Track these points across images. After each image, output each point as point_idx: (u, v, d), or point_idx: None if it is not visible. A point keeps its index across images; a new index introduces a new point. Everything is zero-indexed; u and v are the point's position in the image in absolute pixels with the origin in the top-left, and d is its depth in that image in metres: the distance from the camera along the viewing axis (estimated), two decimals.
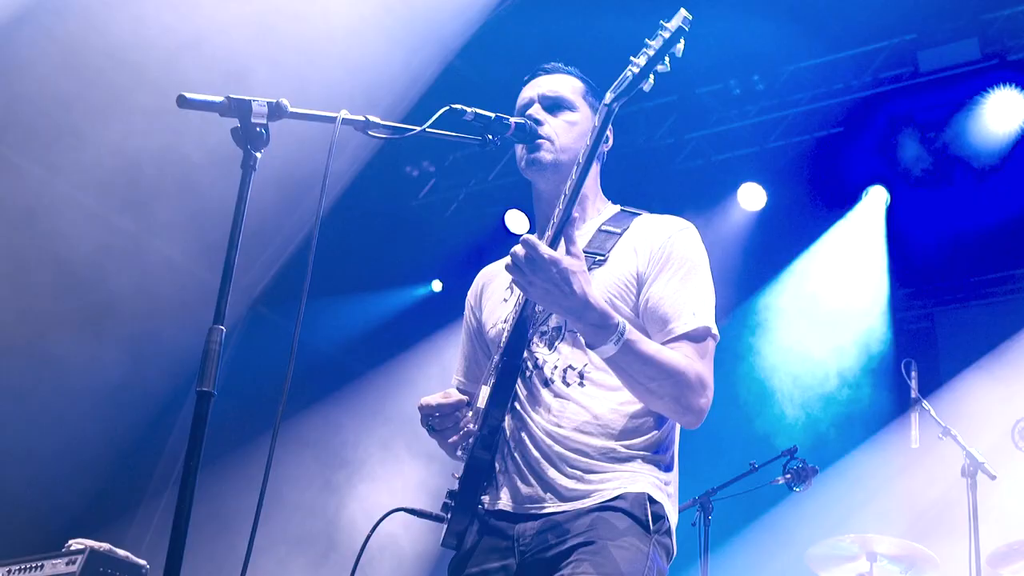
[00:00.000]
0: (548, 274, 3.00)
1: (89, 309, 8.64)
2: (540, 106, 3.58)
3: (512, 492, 3.33)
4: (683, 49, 3.11)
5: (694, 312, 3.30)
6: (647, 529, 3.21)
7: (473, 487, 3.38)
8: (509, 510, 3.33)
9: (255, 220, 2.90)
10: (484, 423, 3.35)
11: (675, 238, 3.43)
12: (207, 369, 2.73)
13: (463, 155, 10.51)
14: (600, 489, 3.25)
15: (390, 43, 7.88)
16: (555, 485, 3.27)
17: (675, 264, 3.38)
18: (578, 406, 3.33)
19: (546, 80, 3.65)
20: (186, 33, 7.38)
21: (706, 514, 6.35)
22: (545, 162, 3.51)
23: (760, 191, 9.60)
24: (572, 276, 3.01)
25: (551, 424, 3.33)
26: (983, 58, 8.38)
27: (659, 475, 3.34)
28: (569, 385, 3.35)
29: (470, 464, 3.38)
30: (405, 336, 10.67)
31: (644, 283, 3.37)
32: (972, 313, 9.72)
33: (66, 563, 5.53)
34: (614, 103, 3.14)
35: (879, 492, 8.92)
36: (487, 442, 3.36)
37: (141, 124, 7.74)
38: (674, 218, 3.54)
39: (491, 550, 3.32)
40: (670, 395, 3.20)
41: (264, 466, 2.88)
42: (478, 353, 3.83)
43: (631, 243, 3.43)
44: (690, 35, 3.05)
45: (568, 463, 3.28)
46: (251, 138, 2.95)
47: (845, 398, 9.47)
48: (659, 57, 3.08)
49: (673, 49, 3.08)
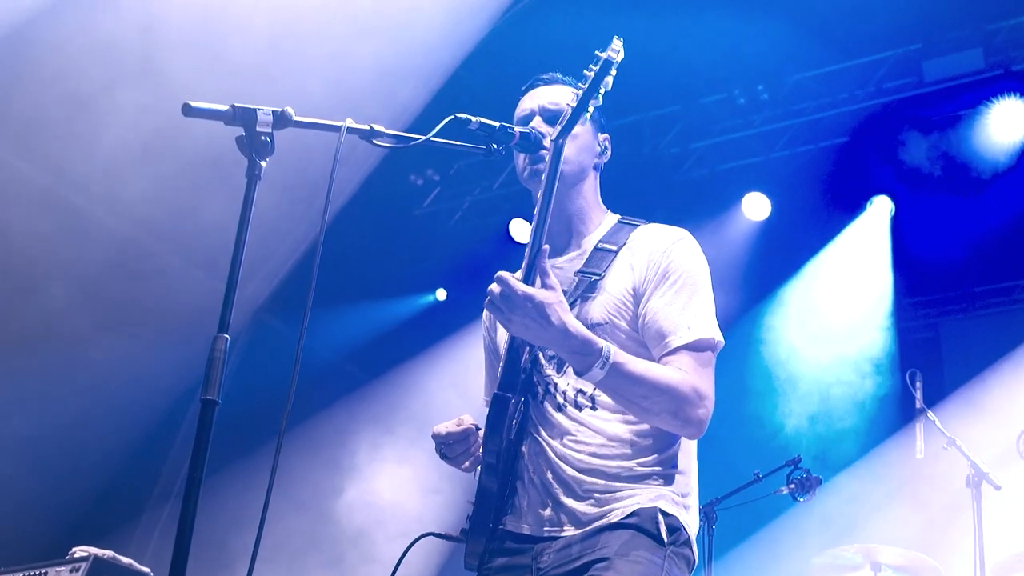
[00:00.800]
0: (525, 310, 3.03)
1: (94, 318, 8.66)
2: (541, 119, 3.57)
3: (532, 516, 3.37)
4: (612, 82, 3.19)
5: (689, 325, 3.30)
6: (660, 542, 3.23)
7: (484, 511, 3.42)
8: (529, 533, 3.37)
9: (259, 228, 2.90)
10: (485, 451, 3.38)
11: (671, 250, 3.43)
12: (212, 377, 2.73)
13: (467, 164, 10.51)
14: (615, 508, 3.28)
15: (394, 52, 7.89)
16: (573, 510, 3.31)
17: (672, 277, 3.37)
18: (591, 430, 3.35)
19: (546, 92, 3.65)
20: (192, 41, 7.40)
21: (710, 523, 6.35)
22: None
23: (765, 201, 9.60)
24: (548, 309, 3.03)
25: (566, 449, 3.36)
26: (987, 68, 8.37)
27: (674, 489, 3.35)
28: (581, 409, 3.37)
29: (480, 490, 3.43)
30: (409, 345, 10.67)
31: (641, 297, 3.38)
32: (977, 323, 9.72)
33: (70, 570, 5.53)
34: (559, 138, 3.23)
35: (884, 502, 8.91)
36: (491, 469, 3.39)
37: (147, 131, 7.76)
38: (671, 229, 3.53)
39: (511, 569, 3.37)
40: (666, 411, 3.20)
41: (268, 474, 2.88)
42: (497, 373, 3.84)
43: (628, 259, 3.43)
44: (696, 45, 3.06)
45: (583, 487, 3.31)
46: (256, 147, 2.95)
47: (849, 408, 9.47)
48: (592, 92, 3.18)
49: (603, 82, 3.18)
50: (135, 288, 8.91)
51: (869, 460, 9.23)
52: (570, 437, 3.36)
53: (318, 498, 10.25)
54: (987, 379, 8.89)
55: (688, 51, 7.95)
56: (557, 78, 3.70)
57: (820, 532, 8.43)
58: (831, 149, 9.37)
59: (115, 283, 8.72)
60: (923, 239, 9.34)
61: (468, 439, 3.51)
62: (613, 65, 3.15)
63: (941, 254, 9.35)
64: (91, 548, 5.61)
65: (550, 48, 8.03)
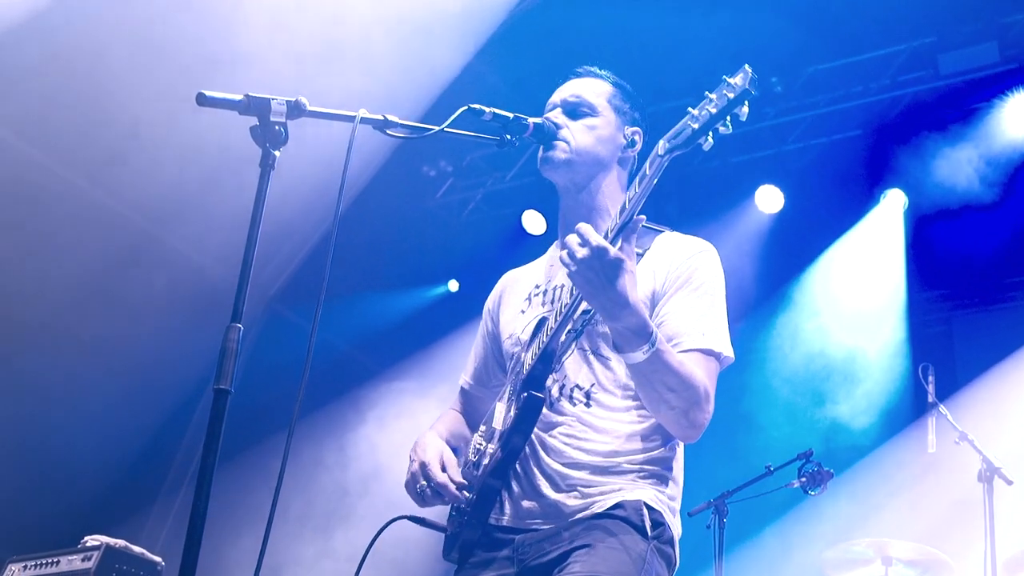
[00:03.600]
0: (591, 262, 2.96)
1: (108, 307, 8.68)
2: (561, 110, 3.58)
3: (515, 508, 3.37)
4: (748, 113, 2.90)
5: (704, 332, 3.30)
6: (644, 535, 3.23)
7: (486, 507, 3.40)
8: (509, 525, 3.36)
9: (273, 218, 2.90)
10: (503, 449, 3.35)
11: (695, 258, 3.43)
12: (225, 366, 2.73)
13: (481, 155, 10.50)
14: (598, 500, 3.28)
15: (409, 43, 7.89)
16: (555, 502, 3.31)
17: (693, 283, 3.38)
18: (583, 425, 3.35)
19: (574, 84, 3.65)
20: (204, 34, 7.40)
21: (721, 517, 6.34)
22: (557, 160, 3.50)
23: (778, 193, 9.57)
24: (618, 270, 2.96)
25: (554, 441, 3.35)
26: (1002, 61, 8.34)
27: (660, 488, 3.35)
28: (575, 404, 3.37)
29: (484, 488, 3.39)
30: (421, 336, 10.67)
31: (659, 302, 3.37)
32: (990, 317, 9.68)
33: (82, 559, 5.57)
34: (667, 155, 3.06)
35: (895, 496, 8.89)
36: (503, 467, 3.37)
37: (162, 123, 7.77)
38: (695, 239, 3.53)
39: (492, 562, 3.36)
40: (681, 408, 3.18)
41: (280, 463, 2.88)
42: (490, 358, 3.84)
43: (651, 265, 3.42)
44: (709, 36, 3.03)
45: (567, 480, 3.31)
46: (270, 137, 2.95)
47: (861, 402, 9.44)
48: (720, 116, 2.91)
49: (737, 111, 2.89)
50: (148, 277, 8.93)
51: (881, 454, 9.21)
52: (561, 430, 3.36)
53: (328, 487, 10.26)
54: (1000, 374, 8.87)
55: (701, 43, 7.93)
56: (590, 71, 3.70)
57: (831, 526, 8.42)
58: (845, 142, 9.33)
59: (128, 272, 8.74)
60: (937, 232, 9.31)
61: (443, 496, 3.44)
62: (748, 96, 2.88)
63: (955, 248, 9.32)
64: (103, 537, 5.64)
65: (564, 40, 8.05)
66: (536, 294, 3.62)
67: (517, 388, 3.39)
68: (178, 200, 8.64)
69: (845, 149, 9.33)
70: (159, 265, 9.02)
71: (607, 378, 3.37)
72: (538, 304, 3.57)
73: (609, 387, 3.35)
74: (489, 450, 3.43)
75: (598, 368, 3.38)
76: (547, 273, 3.66)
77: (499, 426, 3.43)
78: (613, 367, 3.37)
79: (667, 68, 8.14)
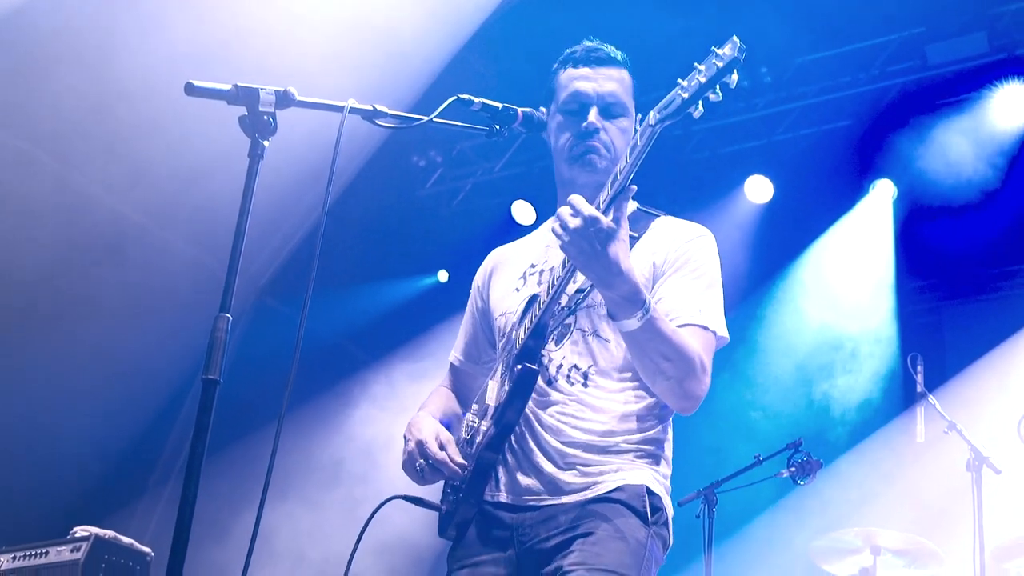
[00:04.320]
0: (585, 231, 2.98)
1: (96, 298, 8.66)
2: (598, 109, 3.54)
3: (511, 485, 3.36)
4: (737, 80, 2.96)
5: (700, 309, 3.33)
6: (645, 521, 3.25)
7: (481, 483, 3.40)
8: (508, 502, 3.36)
9: (262, 209, 2.89)
10: (498, 424, 3.35)
11: (694, 242, 3.46)
12: (213, 357, 2.73)
13: (470, 145, 10.49)
14: (599, 481, 3.29)
15: (398, 33, 7.87)
16: (554, 479, 3.31)
17: (691, 266, 3.40)
18: (580, 404, 3.35)
19: (605, 77, 3.58)
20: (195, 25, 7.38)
21: (710, 506, 6.35)
22: (599, 167, 3.50)
23: (767, 184, 9.57)
24: (611, 239, 2.99)
25: (553, 419, 3.35)
26: (991, 52, 8.34)
27: (656, 468, 3.38)
28: (573, 384, 3.37)
29: (479, 463, 3.39)
30: (411, 326, 10.66)
31: (656, 283, 3.39)
32: (979, 307, 9.71)
33: (71, 550, 5.55)
34: (658, 124, 3.10)
35: (884, 486, 8.92)
36: (497, 442, 3.37)
37: (149, 116, 7.75)
38: (694, 224, 3.56)
39: (490, 540, 3.36)
40: (676, 377, 3.20)
41: (269, 454, 2.88)
42: (480, 335, 3.84)
43: (648, 247, 3.44)
44: (698, 27, 3.02)
45: (566, 458, 3.31)
46: (259, 126, 2.95)
47: (851, 391, 9.47)
48: (710, 85, 2.96)
49: (726, 79, 2.95)
50: (136, 268, 8.90)
51: (870, 444, 9.24)
52: (557, 408, 3.36)
53: (318, 478, 10.26)
54: (989, 363, 8.90)
55: (690, 33, 7.92)
56: (611, 57, 3.63)
57: (820, 515, 8.44)
58: (834, 132, 9.33)
59: (116, 263, 8.71)
60: (926, 222, 9.32)
61: (442, 472, 3.45)
62: (737, 64, 2.93)
63: (944, 238, 9.33)
64: (92, 528, 5.63)
65: (553, 31, 8.02)
66: (532, 273, 3.62)
67: (510, 363, 3.40)
68: (166, 191, 8.62)
69: (834, 139, 9.33)
70: (148, 256, 8.99)
71: (606, 360, 3.37)
72: (533, 283, 3.57)
73: (607, 369, 3.36)
74: (483, 427, 3.43)
75: (597, 350, 3.38)
76: (544, 253, 3.66)
77: (492, 402, 3.44)
78: (612, 349, 3.38)
79: (655, 59, 8.13)
